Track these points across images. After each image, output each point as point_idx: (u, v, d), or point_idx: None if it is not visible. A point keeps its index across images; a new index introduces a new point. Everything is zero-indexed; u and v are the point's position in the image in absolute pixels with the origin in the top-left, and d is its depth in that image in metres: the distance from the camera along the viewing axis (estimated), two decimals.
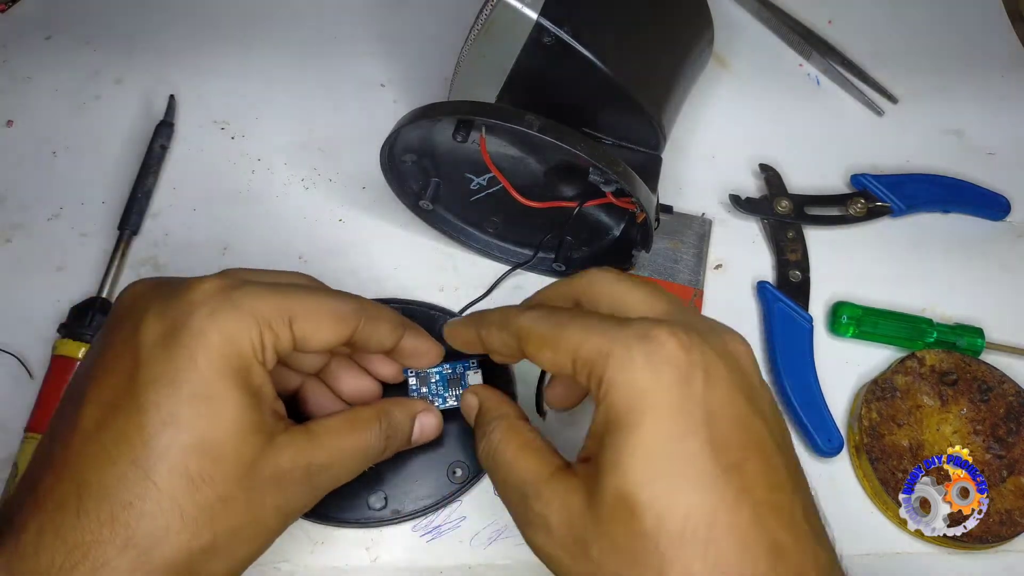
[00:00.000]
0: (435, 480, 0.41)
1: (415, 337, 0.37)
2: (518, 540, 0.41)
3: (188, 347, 0.29)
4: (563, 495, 0.29)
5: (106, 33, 0.56)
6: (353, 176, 0.51)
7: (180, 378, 0.29)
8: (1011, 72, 0.60)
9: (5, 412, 0.43)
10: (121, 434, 0.28)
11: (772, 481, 0.27)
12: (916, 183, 0.52)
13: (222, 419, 0.29)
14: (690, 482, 0.26)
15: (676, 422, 0.27)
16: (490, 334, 0.34)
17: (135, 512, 0.28)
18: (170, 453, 0.28)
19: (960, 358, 0.46)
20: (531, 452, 0.31)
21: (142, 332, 0.30)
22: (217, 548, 0.29)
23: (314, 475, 0.32)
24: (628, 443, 0.27)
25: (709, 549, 0.26)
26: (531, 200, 0.44)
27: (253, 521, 0.30)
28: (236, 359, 0.30)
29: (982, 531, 0.41)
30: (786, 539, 0.27)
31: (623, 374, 0.28)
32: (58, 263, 0.48)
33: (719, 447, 0.27)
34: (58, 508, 0.28)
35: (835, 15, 0.61)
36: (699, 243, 0.50)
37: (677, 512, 0.26)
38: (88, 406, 0.29)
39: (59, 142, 0.52)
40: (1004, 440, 0.44)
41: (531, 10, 0.40)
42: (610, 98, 0.43)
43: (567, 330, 0.30)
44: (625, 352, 0.28)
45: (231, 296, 0.30)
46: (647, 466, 0.27)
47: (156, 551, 0.28)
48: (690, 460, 0.27)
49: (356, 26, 0.58)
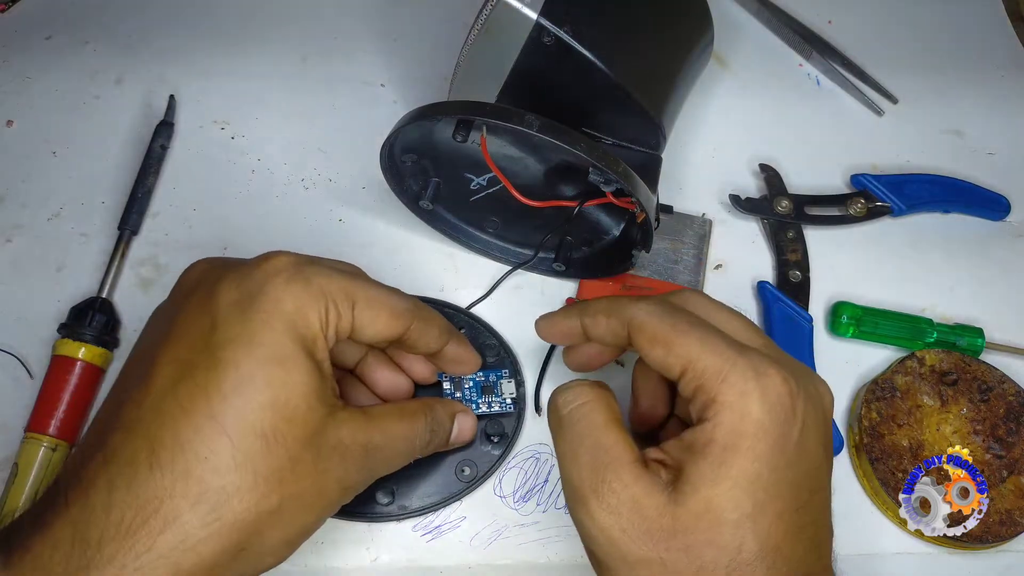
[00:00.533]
0: (443, 478, 0.41)
1: (459, 345, 0.39)
2: (518, 540, 0.41)
3: (265, 311, 0.30)
4: (646, 484, 0.30)
5: (106, 33, 0.56)
6: (353, 176, 0.52)
7: (256, 339, 0.29)
8: (1011, 72, 0.60)
9: (5, 412, 0.43)
10: (198, 389, 0.29)
11: (823, 519, 0.32)
12: (916, 183, 0.52)
13: (295, 382, 0.30)
14: (774, 513, 0.29)
15: (777, 457, 0.29)
16: (596, 322, 0.35)
17: (210, 467, 0.28)
18: (247, 410, 0.29)
19: (960, 358, 0.46)
20: (621, 429, 0.32)
21: (218, 297, 0.30)
22: (282, 512, 0.29)
23: (371, 454, 0.33)
24: (733, 465, 0.29)
25: (770, 572, 0.29)
26: (531, 200, 0.44)
27: (317, 490, 0.31)
28: (306, 329, 0.31)
29: (982, 531, 0.41)
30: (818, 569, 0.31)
31: (740, 400, 0.30)
32: (58, 263, 0.48)
33: (798, 486, 0.30)
34: (129, 463, 0.28)
35: (835, 15, 0.61)
36: (699, 244, 0.50)
37: (758, 537, 0.29)
38: (163, 366, 0.30)
39: (59, 142, 0.52)
40: (1004, 440, 0.44)
41: (531, 10, 0.40)
42: (610, 98, 0.43)
43: (686, 337, 0.31)
44: (743, 381, 0.30)
45: (303, 270, 0.31)
46: (745, 490, 0.29)
47: (227, 508, 0.28)
48: (779, 494, 0.29)
49: (356, 26, 0.58)
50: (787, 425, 0.30)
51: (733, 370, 0.30)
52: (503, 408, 0.43)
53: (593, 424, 0.32)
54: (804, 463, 0.30)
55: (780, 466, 0.29)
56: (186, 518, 0.27)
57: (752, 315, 0.48)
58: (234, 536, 0.28)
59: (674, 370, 0.31)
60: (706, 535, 0.29)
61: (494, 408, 0.42)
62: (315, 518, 0.32)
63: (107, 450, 0.28)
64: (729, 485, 0.29)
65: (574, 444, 0.32)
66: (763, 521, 0.29)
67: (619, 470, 0.30)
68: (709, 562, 0.29)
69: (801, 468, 0.30)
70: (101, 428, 0.30)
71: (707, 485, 0.29)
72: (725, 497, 0.29)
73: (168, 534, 0.27)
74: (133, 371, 0.31)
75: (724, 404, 0.30)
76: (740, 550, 0.29)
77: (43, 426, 0.41)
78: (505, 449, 0.42)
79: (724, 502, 0.29)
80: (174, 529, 0.27)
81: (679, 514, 0.29)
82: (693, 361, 0.31)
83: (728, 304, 0.48)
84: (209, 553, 0.28)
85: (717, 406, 0.30)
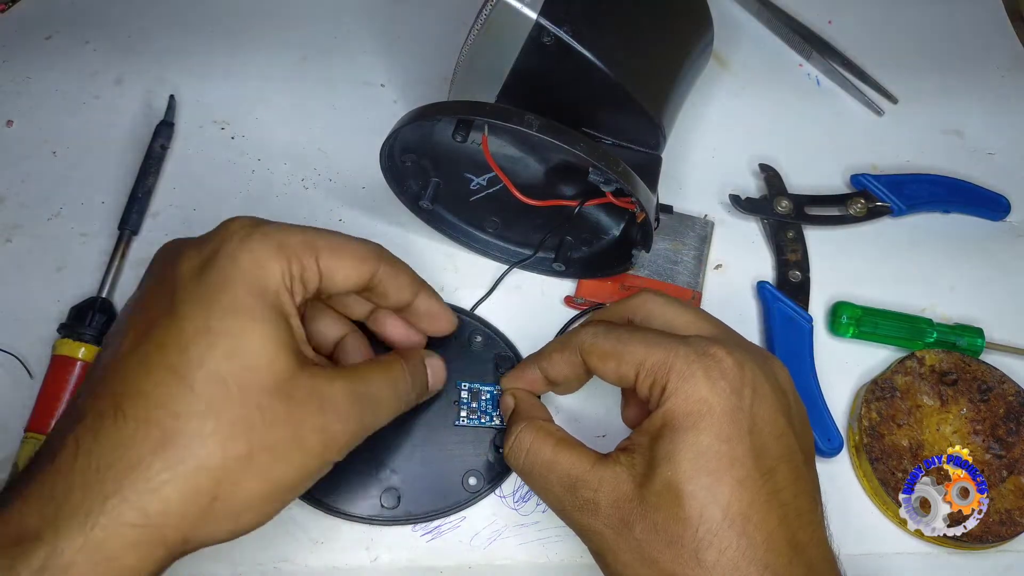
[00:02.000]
0: (449, 486, 0.41)
1: (430, 298, 0.40)
2: (518, 540, 0.41)
3: (222, 269, 0.31)
4: (611, 481, 0.32)
5: (106, 33, 0.56)
6: (353, 176, 0.52)
7: (214, 296, 0.30)
8: (1011, 72, 0.60)
9: (5, 412, 0.43)
10: (158, 345, 0.29)
11: (797, 488, 0.32)
12: (916, 183, 0.52)
13: (255, 332, 0.30)
14: (733, 481, 0.30)
15: (727, 428, 0.31)
16: (552, 362, 0.37)
17: (170, 413, 0.28)
18: (205, 360, 0.29)
19: (960, 358, 0.46)
20: (568, 447, 0.35)
21: (179, 265, 0.31)
22: (252, 460, 0.29)
23: (356, 403, 0.33)
24: (684, 441, 0.31)
25: (741, 540, 0.30)
26: (531, 199, 0.44)
27: (292, 439, 0.30)
28: (265, 281, 0.31)
29: (982, 531, 0.41)
30: (804, 538, 0.31)
31: (685, 384, 0.32)
32: (58, 263, 0.48)
33: (759, 454, 0.31)
34: (96, 418, 0.28)
35: (835, 15, 0.61)
36: (700, 245, 0.50)
37: (718, 505, 0.30)
38: (128, 333, 0.30)
39: (59, 142, 0.52)
40: (1004, 440, 0.44)
41: (531, 10, 0.40)
42: (610, 98, 0.43)
43: (630, 344, 0.34)
44: (686, 366, 0.32)
45: (260, 226, 0.32)
46: (698, 462, 0.30)
47: (189, 452, 0.28)
48: (735, 462, 0.31)
49: (356, 26, 0.58)
50: (735, 396, 0.31)
51: (676, 357, 0.32)
52: None
53: (545, 460, 0.35)
54: (763, 432, 0.31)
55: (733, 436, 0.31)
56: (149, 462, 0.28)
57: (752, 315, 0.48)
58: (201, 480, 0.28)
59: (629, 377, 0.34)
60: (669, 510, 0.30)
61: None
62: (295, 471, 0.31)
63: (76, 413, 0.29)
64: (682, 460, 0.31)
65: (542, 482, 0.35)
66: (722, 489, 0.30)
67: (585, 481, 0.33)
68: (676, 536, 0.30)
69: (759, 437, 0.31)
70: (78, 397, 0.31)
71: (664, 464, 0.31)
72: (680, 471, 0.30)
73: (132, 476, 0.28)
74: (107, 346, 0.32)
75: (672, 390, 0.32)
76: (702, 519, 0.30)
77: (43, 426, 0.41)
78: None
79: (680, 476, 0.30)
80: (137, 472, 0.28)
81: (645, 496, 0.31)
82: (641, 362, 0.33)
83: (728, 304, 0.48)
84: (176, 497, 0.28)
85: (667, 392, 0.32)
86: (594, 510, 0.32)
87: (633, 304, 0.38)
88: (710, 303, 0.48)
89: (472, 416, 0.42)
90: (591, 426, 0.44)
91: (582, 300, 0.47)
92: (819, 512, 0.33)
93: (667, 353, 0.32)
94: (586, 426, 0.44)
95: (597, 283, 0.48)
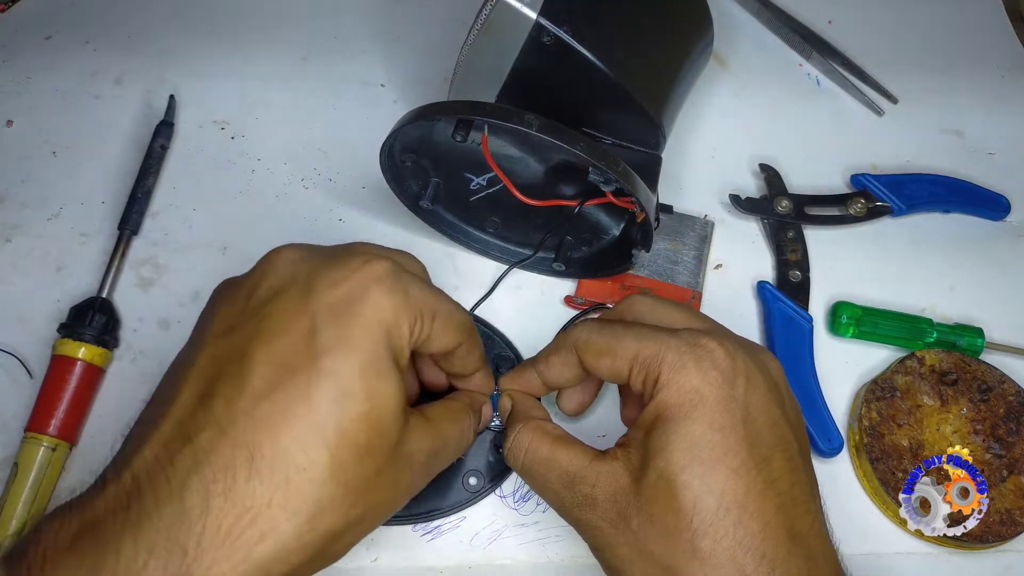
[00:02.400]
0: (449, 486, 0.41)
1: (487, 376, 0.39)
2: (518, 540, 0.41)
3: (365, 318, 0.30)
4: (608, 476, 0.32)
5: (106, 33, 0.57)
6: (353, 176, 0.52)
7: (357, 348, 0.29)
8: (1011, 72, 0.60)
9: (5, 412, 0.43)
10: (300, 397, 0.28)
11: (793, 478, 0.31)
12: (916, 183, 0.52)
13: (388, 394, 0.30)
14: (726, 470, 0.30)
15: (719, 417, 0.31)
16: (549, 365, 0.37)
17: (307, 477, 0.27)
18: (345, 420, 0.28)
19: (960, 358, 0.46)
20: (566, 445, 0.35)
21: (316, 297, 0.30)
22: (363, 521, 0.30)
23: (431, 460, 0.34)
24: (676, 432, 0.31)
25: (737, 529, 0.29)
26: (531, 199, 0.44)
27: (391, 498, 0.31)
28: (398, 339, 0.31)
29: (982, 531, 0.41)
30: (802, 527, 0.31)
31: (677, 375, 0.32)
32: (58, 263, 0.48)
33: (753, 443, 0.31)
34: (226, 468, 0.27)
35: (835, 15, 0.61)
36: (700, 245, 0.50)
37: (712, 494, 0.30)
38: (259, 365, 0.28)
39: (59, 142, 0.52)
40: (1004, 440, 0.44)
41: (530, 10, 0.40)
42: (610, 98, 0.43)
43: (624, 340, 0.34)
44: (677, 357, 0.32)
45: (401, 280, 0.31)
46: (691, 452, 0.30)
47: (321, 520, 0.28)
48: (728, 451, 0.30)
49: (356, 26, 0.58)
50: (728, 386, 0.31)
51: (668, 349, 0.32)
52: None
53: (544, 458, 0.35)
54: (757, 421, 0.31)
55: (726, 425, 0.31)
56: (283, 528, 0.27)
57: (752, 315, 0.48)
58: (321, 544, 0.28)
59: (623, 372, 0.34)
60: (664, 501, 0.30)
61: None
62: (377, 525, 0.32)
63: (197, 449, 0.27)
64: (675, 450, 0.30)
65: (542, 480, 0.35)
66: (716, 478, 0.30)
67: (583, 477, 0.33)
68: (672, 526, 0.30)
69: (753, 426, 0.31)
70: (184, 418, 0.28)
71: (658, 455, 0.31)
72: (673, 462, 0.30)
73: (265, 544, 0.27)
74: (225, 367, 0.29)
75: (664, 381, 0.32)
76: (696, 508, 0.30)
77: (43, 426, 0.41)
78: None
79: (673, 467, 0.30)
80: (272, 539, 0.27)
81: (641, 489, 0.31)
82: (634, 356, 0.33)
83: (728, 304, 0.48)
84: (298, 561, 0.28)
85: (659, 384, 0.32)
86: (592, 505, 0.32)
87: (623, 306, 0.38)
88: (710, 303, 0.48)
89: None
90: (591, 426, 0.44)
91: (582, 300, 0.47)
92: (817, 503, 0.32)
93: (659, 345, 0.32)
94: (586, 426, 0.44)
95: (597, 283, 0.48)
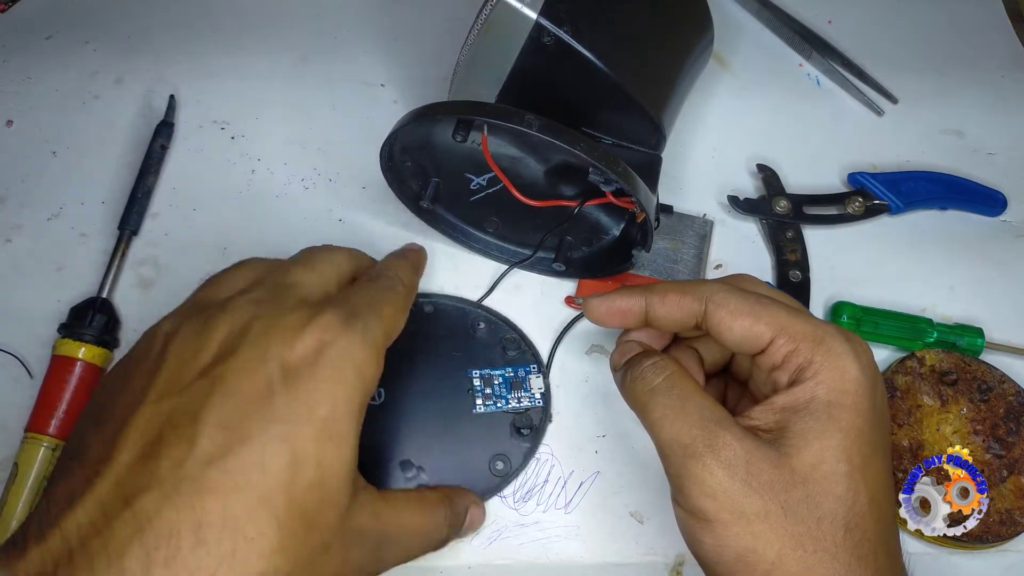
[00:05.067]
0: (477, 475, 0.41)
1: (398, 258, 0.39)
2: (518, 540, 0.41)
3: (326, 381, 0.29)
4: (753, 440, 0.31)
5: (106, 33, 0.56)
6: (353, 176, 0.51)
7: (314, 412, 0.28)
8: (1011, 72, 0.60)
9: (5, 412, 0.43)
10: (251, 465, 0.27)
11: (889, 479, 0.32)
12: (912, 180, 0.52)
13: (341, 461, 0.29)
14: (875, 468, 0.31)
15: (871, 415, 0.31)
16: (665, 301, 0.35)
17: (255, 549, 0.26)
18: (297, 490, 0.27)
19: (960, 358, 0.46)
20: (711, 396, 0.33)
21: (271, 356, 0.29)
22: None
23: (383, 545, 0.32)
24: (839, 418, 0.30)
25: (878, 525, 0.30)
26: (531, 199, 0.44)
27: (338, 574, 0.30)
28: (362, 396, 0.30)
29: (982, 531, 0.41)
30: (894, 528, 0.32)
31: (839, 361, 0.31)
32: (58, 263, 0.48)
33: (885, 450, 0.32)
34: (170, 536, 0.26)
35: (835, 15, 0.61)
36: (700, 244, 0.50)
37: (867, 489, 0.30)
38: (209, 427, 0.27)
39: (59, 142, 0.52)
40: (1004, 440, 0.44)
41: (531, 10, 0.40)
42: (610, 98, 0.43)
43: (772, 308, 0.33)
44: (838, 344, 0.31)
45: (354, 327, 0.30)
46: (852, 443, 0.30)
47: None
48: (875, 449, 0.31)
49: (356, 26, 0.58)
50: (874, 387, 0.32)
51: (826, 333, 0.32)
52: (532, 403, 0.43)
53: (689, 389, 0.33)
54: (885, 422, 0.32)
55: (874, 423, 0.31)
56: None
57: None
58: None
59: (763, 338, 0.32)
60: (823, 485, 0.30)
61: (523, 403, 0.43)
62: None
63: (139, 513, 0.26)
64: (840, 438, 0.30)
65: (677, 406, 0.32)
66: (870, 473, 0.30)
67: (729, 427, 0.31)
68: (828, 512, 0.29)
69: (884, 426, 0.32)
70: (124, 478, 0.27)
71: (818, 438, 0.30)
72: (837, 448, 0.30)
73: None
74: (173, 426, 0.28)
75: (824, 364, 0.31)
76: (855, 501, 0.30)
77: (43, 426, 0.41)
78: (534, 442, 0.43)
79: (837, 454, 0.30)
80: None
81: (795, 466, 0.30)
82: (785, 327, 0.32)
83: None
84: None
85: (816, 366, 0.31)
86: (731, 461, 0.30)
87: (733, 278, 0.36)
88: None
89: (488, 402, 0.43)
90: (591, 426, 0.44)
91: (582, 300, 0.47)
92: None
93: (815, 327, 0.32)
94: (586, 426, 0.44)
95: (597, 283, 0.48)
